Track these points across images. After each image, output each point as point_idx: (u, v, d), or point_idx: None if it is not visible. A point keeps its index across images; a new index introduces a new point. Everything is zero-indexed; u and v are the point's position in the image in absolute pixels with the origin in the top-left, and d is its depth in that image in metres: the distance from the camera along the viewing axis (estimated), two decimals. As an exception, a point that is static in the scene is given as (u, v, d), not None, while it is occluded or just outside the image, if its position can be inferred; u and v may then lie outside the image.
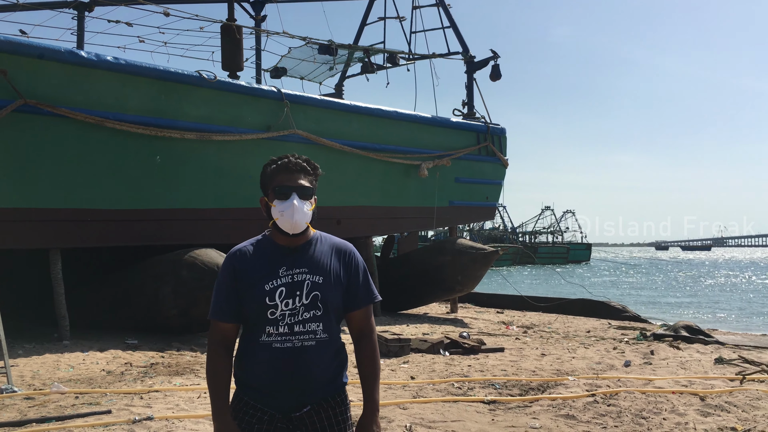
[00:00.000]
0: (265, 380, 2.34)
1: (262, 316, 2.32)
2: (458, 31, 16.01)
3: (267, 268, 2.36)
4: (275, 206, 2.37)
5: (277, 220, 2.37)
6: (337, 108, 12.51)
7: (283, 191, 2.37)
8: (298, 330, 2.33)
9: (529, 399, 6.37)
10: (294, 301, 2.33)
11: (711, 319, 19.18)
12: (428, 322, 12.37)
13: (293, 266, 2.37)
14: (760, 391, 6.65)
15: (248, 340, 2.38)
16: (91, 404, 5.77)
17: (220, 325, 2.38)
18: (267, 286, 2.33)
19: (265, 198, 2.44)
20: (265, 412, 2.33)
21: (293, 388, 2.33)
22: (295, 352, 2.32)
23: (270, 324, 2.31)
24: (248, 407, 2.35)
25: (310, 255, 2.41)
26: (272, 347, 2.31)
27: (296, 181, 2.39)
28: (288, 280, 2.34)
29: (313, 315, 2.35)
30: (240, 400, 2.38)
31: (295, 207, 2.34)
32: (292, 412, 2.34)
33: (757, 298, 27.94)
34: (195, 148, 10.14)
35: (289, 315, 2.32)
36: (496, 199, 16.20)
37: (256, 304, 2.32)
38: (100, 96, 9.20)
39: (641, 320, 14.30)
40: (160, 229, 9.94)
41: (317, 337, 2.35)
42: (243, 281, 2.35)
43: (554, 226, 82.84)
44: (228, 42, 11.11)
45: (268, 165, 2.45)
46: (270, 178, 2.42)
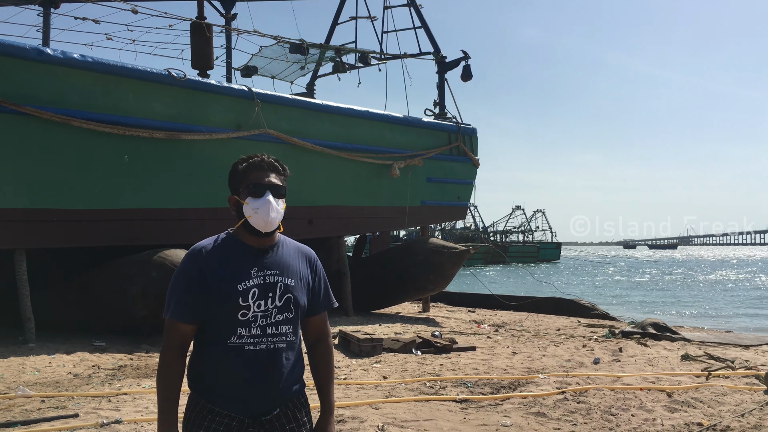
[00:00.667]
0: (235, 384, 2.26)
1: (232, 317, 2.25)
2: (429, 32, 16.07)
3: (237, 268, 2.29)
4: (248, 204, 2.31)
5: (250, 218, 2.31)
6: (309, 107, 12.46)
7: (258, 189, 2.32)
8: (270, 332, 2.29)
9: (501, 397, 6.41)
10: (267, 302, 2.28)
11: (677, 316, 19.54)
12: (400, 322, 12.39)
13: (264, 267, 2.32)
14: (725, 386, 6.79)
15: (213, 343, 2.28)
16: (58, 408, 5.67)
17: (179, 326, 2.27)
18: (240, 287, 2.26)
19: (235, 196, 2.38)
20: (234, 418, 2.24)
21: (266, 390, 2.28)
22: (269, 354, 2.28)
23: (241, 325, 2.25)
24: (213, 414, 2.25)
25: (280, 257, 2.38)
26: (244, 349, 2.25)
27: (269, 179, 2.36)
28: (260, 281, 2.29)
29: (285, 317, 2.32)
30: (202, 408, 2.27)
31: (271, 204, 2.30)
32: (262, 415, 2.28)
33: (722, 296, 28.53)
34: (164, 147, 10.01)
35: (261, 316, 2.27)
36: (468, 198, 16.29)
37: (226, 305, 2.24)
38: (67, 94, 9.03)
39: (610, 318, 14.50)
40: (129, 230, 9.80)
41: (288, 339, 2.33)
42: (211, 280, 2.26)
43: (525, 226, 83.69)
44: (198, 40, 10.99)
45: (239, 163, 2.40)
46: (242, 176, 2.37)
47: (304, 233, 12.47)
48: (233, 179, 2.40)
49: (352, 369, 7.79)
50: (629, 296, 28.22)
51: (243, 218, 2.34)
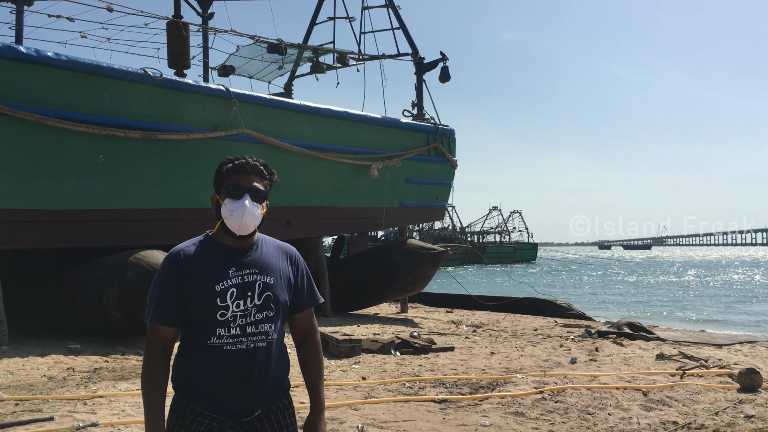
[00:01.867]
0: (215, 384, 2.25)
1: (211, 317, 2.24)
2: (408, 33, 16.10)
3: (215, 269, 2.28)
4: (226, 205, 2.32)
5: (226, 219, 2.31)
6: (287, 108, 12.41)
7: (236, 191, 2.32)
8: (250, 331, 2.27)
9: (479, 397, 6.44)
10: (246, 302, 2.27)
11: (652, 315, 19.79)
12: (379, 323, 12.39)
13: (243, 267, 2.32)
14: (699, 385, 6.89)
15: (193, 344, 2.28)
16: (33, 411, 5.58)
17: (161, 330, 2.27)
18: (217, 287, 2.25)
19: (217, 196, 2.38)
20: (214, 418, 2.24)
21: (246, 391, 2.27)
22: (248, 354, 2.26)
23: (220, 326, 2.24)
24: (195, 414, 2.24)
25: (258, 256, 2.37)
26: (223, 350, 2.24)
27: (250, 182, 2.35)
28: (238, 280, 2.28)
29: (265, 316, 2.31)
30: (184, 408, 2.27)
31: (246, 208, 2.29)
32: (242, 416, 2.26)
33: (695, 296, 28.97)
34: (140, 147, 9.91)
35: (240, 316, 2.26)
36: (446, 199, 16.34)
37: (205, 306, 2.24)
38: (40, 93, 8.90)
39: (586, 318, 14.64)
40: (104, 230, 9.68)
41: (269, 338, 2.32)
42: (189, 282, 2.26)
43: (501, 226, 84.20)
44: (174, 39, 10.90)
45: (224, 164, 2.40)
46: (224, 177, 2.37)
47: (282, 234, 12.42)
48: (216, 179, 2.40)
49: (330, 370, 7.77)
50: (605, 295, 28.52)
51: (221, 218, 2.34)
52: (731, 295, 28.95)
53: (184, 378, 2.30)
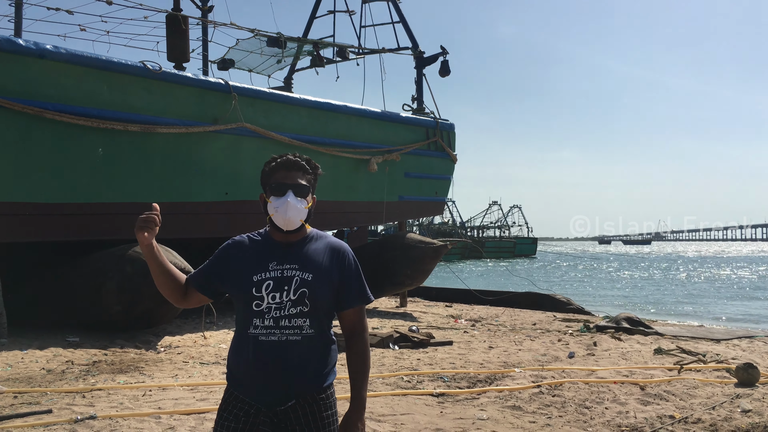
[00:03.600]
0: (250, 372, 2.36)
1: (248, 307, 2.36)
2: (408, 27, 16.06)
3: (257, 260, 2.41)
4: (271, 202, 2.42)
5: (272, 216, 2.42)
6: (286, 101, 12.39)
7: (279, 188, 2.42)
8: (283, 324, 2.35)
9: (477, 391, 6.46)
10: (281, 295, 2.35)
11: (651, 310, 19.81)
12: (378, 317, 12.41)
13: (284, 261, 2.40)
14: (696, 380, 6.90)
15: (238, 332, 2.43)
16: (31, 404, 5.59)
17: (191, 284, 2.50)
18: (255, 278, 2.37)
19: (263, 195, 2.49)
20: (252, 405, 2.35)
21: (278, 381, 2.34)
22: (280, 346, 2.34)
23: (256, 316, 2.35)
24: (237, 401, 2.38)
25: (304, 252, 2.45)
26: (258, 340, 2.35)
27: (294, 179, 2.44)
28: (277, 274, 2.38)
29: (299, 311, 2.37)
30: (230, 394, 2.41)
31: (289, 204, 2.38)
32: (276, 405, 2.35)
33: (695, 290, 29.00)
34: (139, 140, 9.90)
35: (275, 309, 2.35)
36: (445, 194, 16.34)
37: (242, 294, 2.37)
38: (39, 86, 8.88)
39: (585, 312, 14.66)
40: (103, 224, 9.67)
41: (303, 332, 2.37)
42: (233, 269, 2.42)
43: (501, 221, 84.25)
44: (174, 32, 10.88)
45: (269, 163, 2.50)
46: (268, 176, 2.47)
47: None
48: (262, 179, 2.51)
49: (329, 364, 7.78)
50: (604, 291, 28.54)
51: (268, 215, 2.45)
52: (723, 290, 28.98)
53: (230, 365, 2.46)
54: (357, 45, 15.74)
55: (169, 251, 8.23)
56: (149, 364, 7.55)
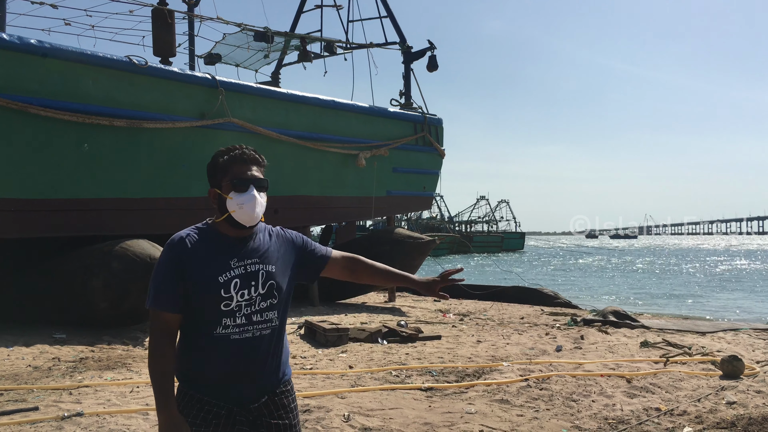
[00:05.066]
0: (224, 373, 2.28)
1: (215, 308, 2.26)
2: (395, 21, 16.04)
3: (217, 260, 2.30)
4: (232, 198, 2.30)
5: (234, 213, 2.31)
6: (274, 96, 12.35)
7: (243, 183, 2.32)
8: (256, 320, 2.31)
9: (465, 385, 6.49)
10: (249, 291, 2.30)
11: (639, 303, 19.95)
12: (366, 311, 12.42)
13: (244, 257, 2.34)
14: (682, 372, 6.97)
15: (199, 334, 2.29)
16: (18, 401, 5.56)
17: (163, 315, 2.27)
18: (221, 278, 2.27)
19: (217, 190, 2.35)
20: (222, 406, 2.27)
21: (253, 378, 2.31)
22: (255, 342, 2.30)
23: (226, 316, 2.27)
24: (202, 403, 2.28)
25: (259, 245, 2.40)
26: (230, 339, 2.27)
27: (253, 173, 2.36)
28: (241, 271, 2.31)
29: (269, 304, 2.34)
30: (190, 398, 2.29)
31: (257, 200, 2.32)
32: (250, 403, 2.31)
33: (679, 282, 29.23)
34: (125, 136, 9.83)
35: (245, 305, 2.29)
36: (433, 188, 16.36)
37: (209, 297, 2.26)
38: (23, 81, 8.80)
39: (572, 306, 14.74)
40: (89, 220, 9.61)
41: (273, 325, 2.36)
42: (191, 273, 2.26)
43: (489, 216, 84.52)
44: (160, 26, 10.79)
45: (220, 155, 2.38)
46: (224, 169, 2.35)
47: (269, 223, 12.37)
48: (214, 172, 2.38)
49: (317, 359, 7.79)
50: (592, 284, 28.72)
51: (226, 212, 2.32)
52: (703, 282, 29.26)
53: (189, 368, 2.32)
54: (345, 40, 15.70)
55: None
56: (136, 361, 7.52)
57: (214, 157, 2.39)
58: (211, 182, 2.38)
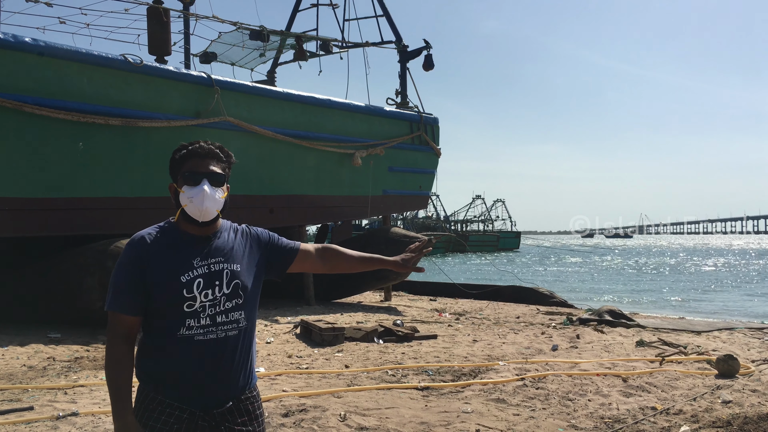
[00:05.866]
0: (187, 375, 2.20)
1: (178, 309, 2.19)
2: (391, 20, 16.03)
3: (179, 259, 2.23)
4: (184, 192, 2.26)
5: (186, 207, 2.25)
6: (269, 95, 12.33)
7: (194, 177, 2.27)
8: (220, 320, 2.24)
9: (461, 384, 6.48)
10: (214, 291, 2.23)
11: (633, 303, 20.00)
12: (362, 311, 12.41)
13: (208, 256, 2.27)
14: (678, 371, 6.98)
15: (162, 334, 2.22)
16: (12, 401, 5.53)
17: (123, 318, 2.20)
18: (183, 278, 2.20)
19: (174, 184, 2.31)
20: (185, 410, 2.20)
21: (218, 381, 2.23)
22: (220, 343, 2.23)
23: (189, 317, 2.20)
24: (164, 406, 2.20)
25: (223, 243, 2.33)
26: (194, 340, 2.20)
27: (207, 167, 2.30)
28: (204, 270, 2.24)
29: (235, 304, 2.27)
30: (152, 400, 2.22)
31: (206, 193, 2.24)
32: (214, 407, 2.23)
33: (677, 282, 29.31)
34: (120, 134, 9.80)
35: (210, 306, 2.22)
36: (429, 188, 16.36)
37: (171, 298, 2.19)
38: (18, 79, 8.76)
39: (568, 305, 14.75)
40: (85, 219, 9.58)
41: (240, 325, 2.29)
42: (152, 273, 2.19)
43: (485, 215, 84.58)
44: (155, 25, 10.76)
45: (178, 150, 2.33)
46: (179, 164, 2.31)
47: (265, 222, 12.37)
48: (172, 167, 2.33)
49: (314, 358, 7.78)
50: (586, 283, 28.77)
51: (180, 207, 2.28)
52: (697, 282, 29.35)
53: (151, 369, 2.25)
54: (340, 38, 15.68)
55: None
56: (132, 360, 7.49)
57: (173, 152, 2.34)
58: (172, 177, 2.34)
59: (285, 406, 5.48)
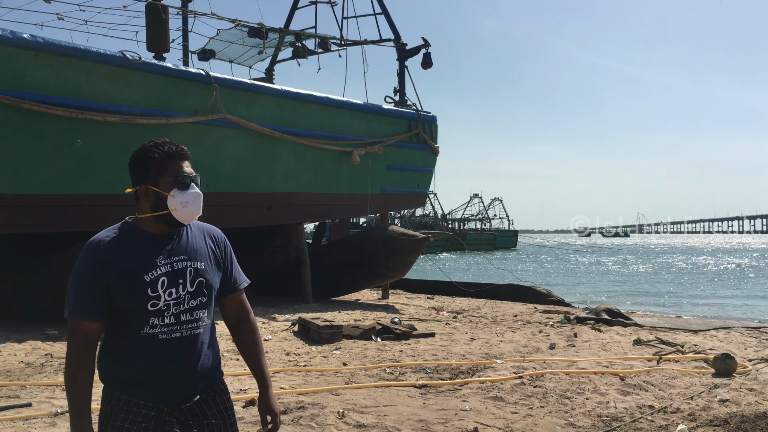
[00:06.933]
0: (152, 374, 2.20)
1: (142, 308, 2.17)
2: (390, 18, 16.00)
3: (142, 259, 2.20)
4: (175, 197, 2.22)
5: (175, 211, 2.22)
6: (268, 93, 12.31)
7: (185, 180, 2.24)
8: (185, 319, 2.23)
9: (459, 382, 6.49)
10: (178, 289, 2.23)
11: (629, 302, 20.03)
12: (360, 309, 12.41)
13: (171, 254, 2.25)
14: (675, 370, 7.00)
15: (125, 334, 2.19)
16: (10, 397, 5.53)
17: (85, 325, 2.15)
18: (147, 278, 2.18)
19: (152, 187, 2.24)
20: (152, 407, 2.19)
21: (183, 378, 2.24)
22: (184, 342, 2.23)
23: (153, 315, 2.18)
24: (130, 405, 2.18)
25: (186, 241, 2.31)
26: (158, 339, 2.19)
27: (189, 169, 2.29)
28: (168, 269, 2.23)
29: (199, 302, 2.27)
30: (118, 400, 2.19)
31: (201, 198, 2.25)
32: (181, 403, 2.24)
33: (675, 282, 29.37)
34: (118, 131, 9.78)
35: (174, 304, 2.22)
36: (427, 186, 16.36)
37: (135, 298, 2.16)
38: (16, 75, 8.73)
39: (565, 304, 14.78)
40: (82, 216, 9.56)
41: (204, 323, 2.30)
42: (114, 274, 2.15)
43: (482, 214, 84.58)
44: (153, 22, 10.74)
45: (153, 151, 2.25)
46: (160, 165, 2.24)
47: (263, 220, 12.37)
48: (146, 167, 2.26)
49: (312, 356, 7.78)
50: (584, 282, 28.81)
51: (164, 210, 2.23)
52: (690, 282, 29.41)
53: (115, 370, 2.22)
54: (339, 36, 15.66)
55: None
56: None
57: (143, 152, 2.26)
58: (139, 179, 2.27)
59: (283, 404, 5.48)
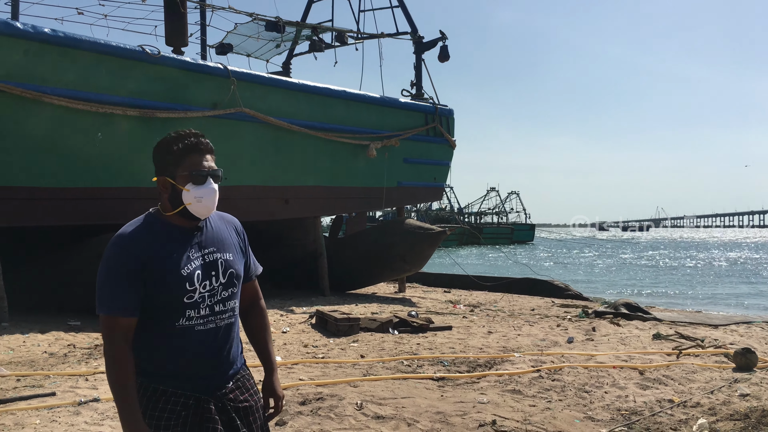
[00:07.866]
0: (189, 365, 2.24)
1: (179, 301, 2.19)
2: (407, 11, 15.96)
3: (176, 253, 2.20)
4: (189, 191, 2.21)
5: (190, 206, 2.22)
6: (285, 86, 12.35)
7: (202, 174, 2.22)
8: (218, 309, 2.28)
9: (477, 375, 6.50)
10: (211, 281, 2.26)
11: (649, 296, 19.89)
12: (377, 302, 12.44)
13: (201, 247, 2.28)
14: (695, 364, 6.95)
15: (160, 327, 2.21)
16: (34, 387, 5.62)
17: (122, 321, 2.14)
18: (184, 271, 2.19)
19: (169, 179, 2.23)
20: (190, 396, 2.23)
21: (219, 367, 2.30)
22: (219, 332, 2.29)
23: (190, 308, 2.21)
24: (167, 395, 2.21)
25: (213, 233, 2.34)
26: (195, 330, 2.23)
27: (209, 162, 2.27)
28: (201, 261, 2.25)
29: (230, 293, 2.32)
30: (155, 391, 2.21)
31: (217, 193, 2.25)
32: (217, 390, 2.30)
33: (693, 277, 29.12)
34: (138, 125, 9.87)
35: (209, 296, 2.25)
36: (444, 179, 16.33)
37: (173, 292, 2.18)
38: (37, 69, 8.84)
39: (583, 298, 14.70)
40: (103, 208, 9.67)
41: (234, 313, 2.36)
42: (150, 269, 2.15)
43: (499, 207, 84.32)
44: (172, 16, 10.80)
45: (174, 142, 2.23)
46: (179, 158, 2.22)
47: (281, 213, 12.43)
48: (165, 159, 2.24)
49: (329, 348, 7.82)
50: (603, 277, 28.64)
51: (180, 204, 2.23)
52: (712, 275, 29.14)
53: (150, 362, 2.23)
54: (356, 30, 15.65)
55: None
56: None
57: (164, 143, 2.25)
58: (160, 170, 2.26)
59: (302, 395, 5.53)
